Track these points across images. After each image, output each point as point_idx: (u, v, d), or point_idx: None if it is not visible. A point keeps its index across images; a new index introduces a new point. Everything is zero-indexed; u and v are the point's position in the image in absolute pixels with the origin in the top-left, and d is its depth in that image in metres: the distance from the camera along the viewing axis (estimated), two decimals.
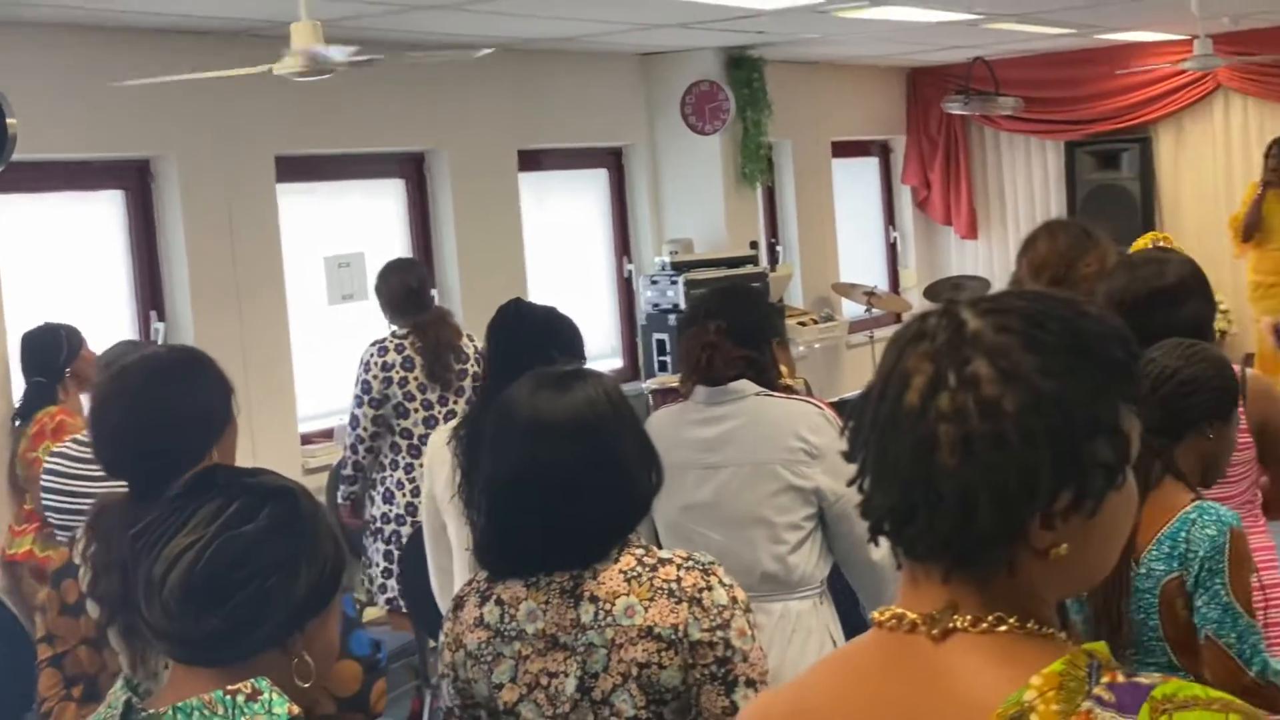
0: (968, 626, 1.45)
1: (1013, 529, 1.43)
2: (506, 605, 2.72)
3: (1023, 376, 1.43)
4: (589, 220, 10.13)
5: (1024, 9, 9.09)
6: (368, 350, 6.54)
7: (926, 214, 12.83)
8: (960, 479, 1.42)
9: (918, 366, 1.47)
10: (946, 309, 1.50)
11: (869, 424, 1.50)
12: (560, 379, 2.78)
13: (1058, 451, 1.42)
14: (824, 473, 3.78)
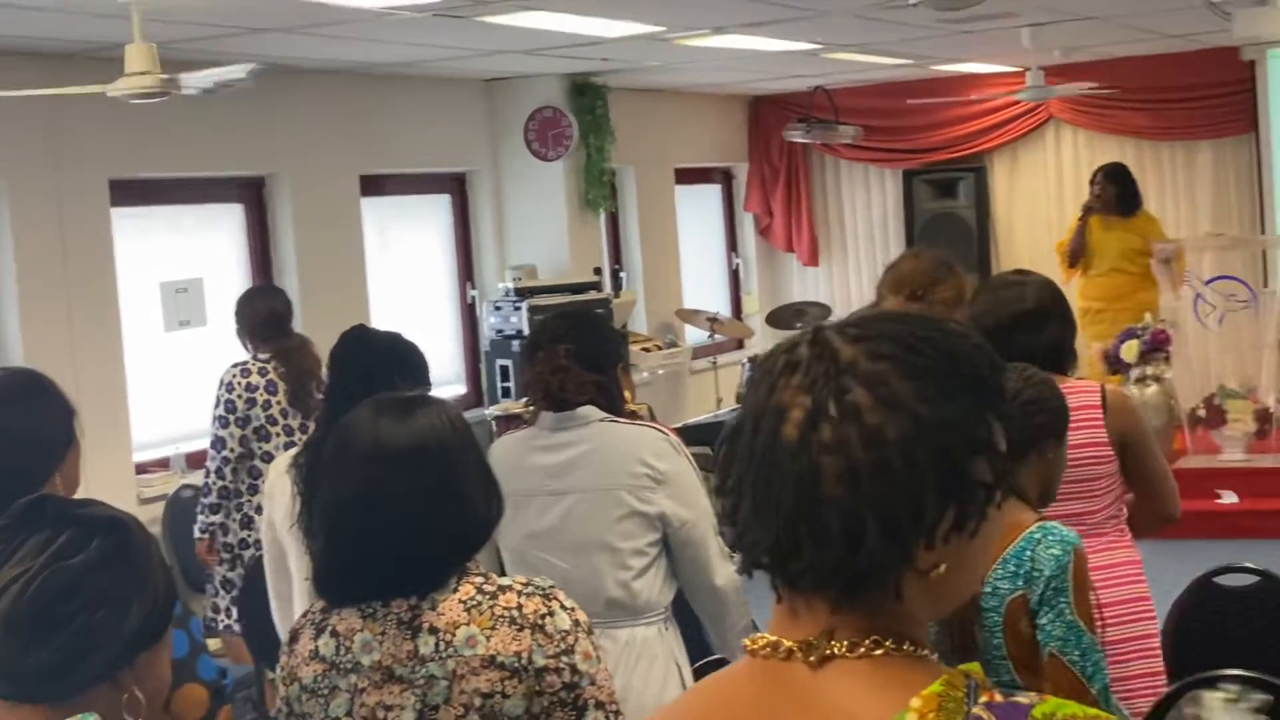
0: (845, 652, 1.43)
1: (901, 554, 1.42)
2: (342, 637, 2.67)
3: (902, 403, 1.42)
4: (432, 246, 10.08)
5: (862, 40, 9.23)
6: (229, 371, 6.46)
7: (768, 241, 12.95)
8: (847, 510, 1.40)
9: (793, 399, 1.44)
10: (816, 337, 1.48)
11: (744, 459, 1.48)
12: (402, 405, 2.75)
13: (942, 475, 1.41)
14: (668, 498, 3.78)
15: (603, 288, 10.25)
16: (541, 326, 4.01)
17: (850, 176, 12.81)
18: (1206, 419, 9.86)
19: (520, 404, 8.68)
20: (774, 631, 1.49)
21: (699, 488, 3.87)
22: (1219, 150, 11.64)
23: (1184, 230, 11.50)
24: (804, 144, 12.35)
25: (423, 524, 2.62)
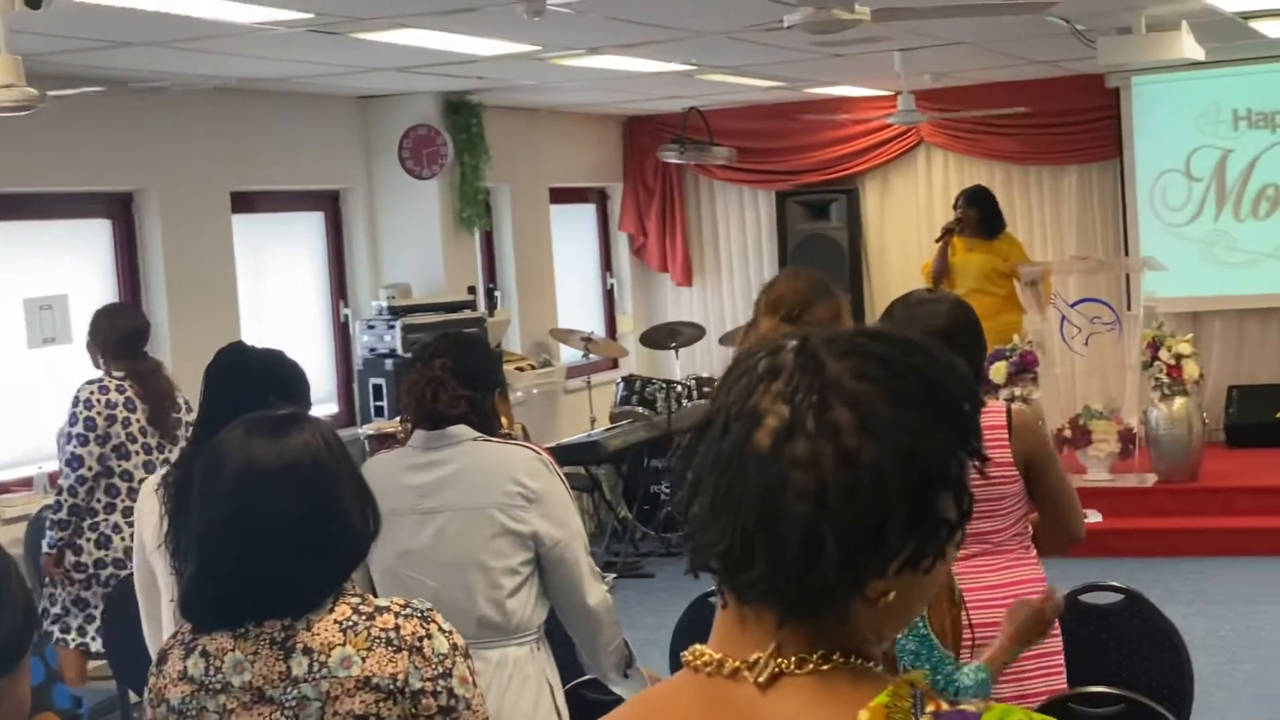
0: (793, 668, 1.41)
1: (854, 580, 1.39)
2: (212, 657, 2.63)
3: (882, 429, 1.39)
4: (305, 264, 9.99)
5: (736, 62, 9.30)
6: (86, 389, 6.36)
7: (643, 261, 12.98)
8: (808, 527, 1.37)
9: (771, 406, 1.41)
10: (803, 346, 1.44)
11: (708, 458, 1.44)
12: (275, 423, 2.71)
13: (909, 508, 1.39)
14: (541, 517, 3.78)
15: (477, 307, 10.22)
16: (421, 343, 4.00)
17: (724, 197, 12.89)
18: (1072, 440, 10.04)
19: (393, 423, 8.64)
20: (718, 644, 1.46)
21: (571, 507, 3.87)
22: (1085, 175, 11.87)
23: (1050, 253, 11.72)
24: (678, 164, 12.40)
25: (298, 545, 2.59)
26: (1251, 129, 11.29)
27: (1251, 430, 11.11)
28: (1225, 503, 9.93)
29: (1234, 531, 9.67)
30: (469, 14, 6.72)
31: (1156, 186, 11.50)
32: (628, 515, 10.82)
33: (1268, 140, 11.25)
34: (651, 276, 13.08)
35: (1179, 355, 10.01)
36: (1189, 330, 10.95)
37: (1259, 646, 7.67)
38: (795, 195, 12.41)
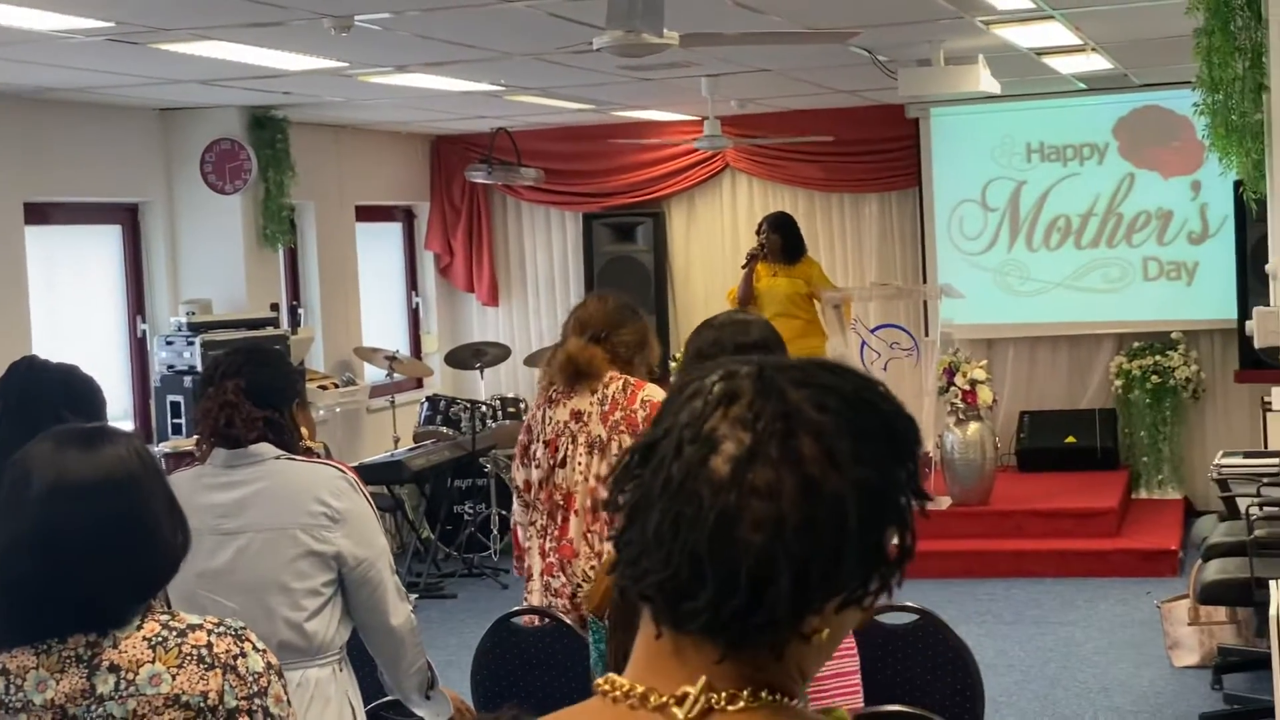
0: (723, 705, 1.36)
1: (800, 614, 1.36)
2: (13, 675, 2.58)
3: (844, 461, 1.36)
4: (101, 277, 9.78)
5: (544, 83, 9.33)
6: None
7: (449, 280, 12.94)
8: (761, 558, 1.33)
9: (729, 432, 1.36)
10: (759, 372, 1.40)
11: (656, 483, 1.38)
12: (87, 436, 2.66)
13: (865, 542, 1.36)
14: (345, 537, 3.75)
15: (280, 324, 10.09)
16: (214, 362, 3.94)
17: (531, 218, 12.90)
18: None
19: (191, 441, 8.49)
20: (642, 675, 1.41)
21: (377, 527, 3.85)
22: (885, 202, 12.12)
23: (851, 279, 11.95)
24: (486, 184, 12.40)
25: (108, 560, 2.54)
26: (1044, 161, 11.64)
27: (1042, 455, 11.43)
28: (1017, 525, 10.21)
29: (1024, 553, 9.94)
30: (275, 28, 6.65)
31: (954, 215, 11.79)
32: (430, 535, 10.77)
33: (1059, 173, 11.60)
34: (457, 296, 13.04)
35: (974, 381, 10.27)
36: (983, 356, 11.25)
37: (1047, 666, 7.89)
38: (602, 217, 12.48)
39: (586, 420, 5.07)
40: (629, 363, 5.10)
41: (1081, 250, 11.60)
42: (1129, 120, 11.40)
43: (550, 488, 5.14)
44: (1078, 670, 7.78)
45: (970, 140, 11.70)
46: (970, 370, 10.30)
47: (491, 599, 9.59)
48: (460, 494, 10.82)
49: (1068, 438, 11.47)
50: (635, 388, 5.04)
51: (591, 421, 5.06)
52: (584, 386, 5.10)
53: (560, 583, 5.07)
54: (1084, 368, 11.78)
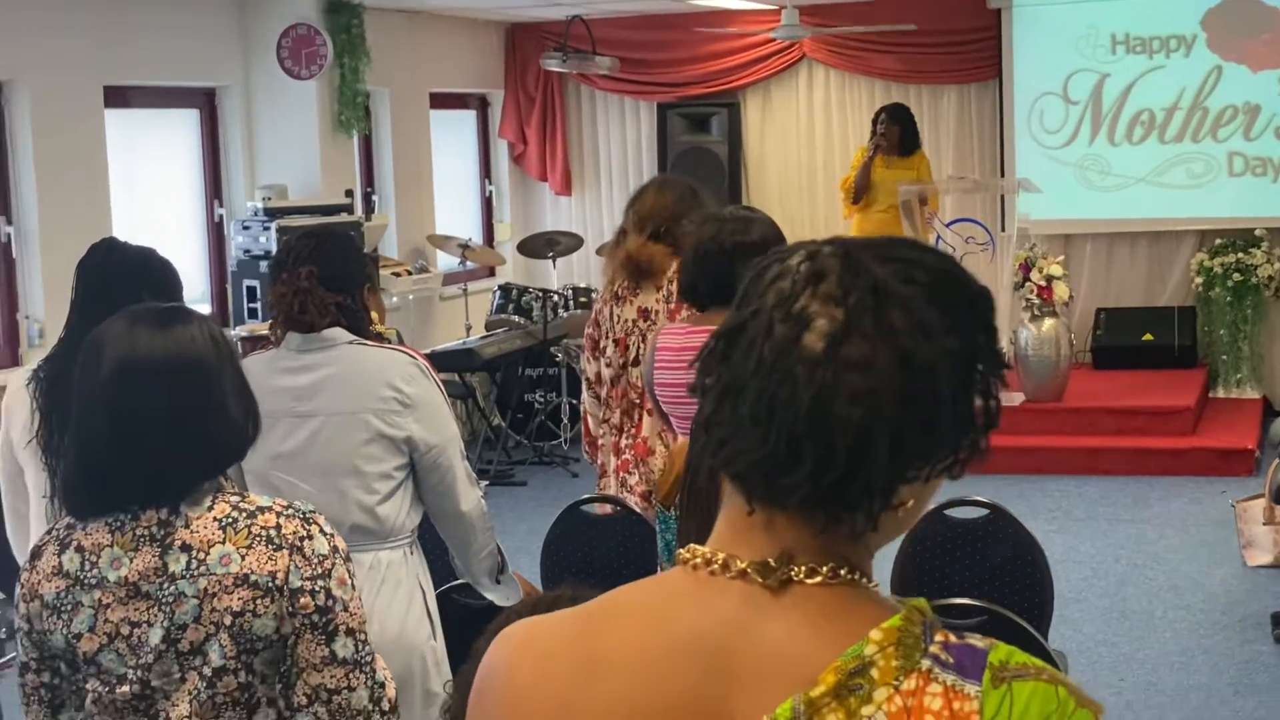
0: (803, 578, 1.40)
1: (896, 483, 1.39)
2: (87, 552, 2.63)
3: (934, 331, 1.38)
4: (179, 162, 9.82)
5: None
6: None
7: (522, 169, 12.91)
8: (859, 431, 1.36)
9: (821, 309, 1.38)
10: (844, 250, 1.42)
11: (743, 363, 1.40)
12: (159, 315, 2.70)
13: (956, 410, 1.40)
14: (416, 422, 3.78)
15: (354, 210, 10.11)
16: (286, 247, 3.95)
17: (606, 107, 12.83)
18: None
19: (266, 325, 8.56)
20: (724, 544, 1.44)
21: (447, 413, 3.87)
22: (964, 95, 11.95)
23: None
24: (560, 73, 12.33)
25: (175, 436, 2.59)
26: (1129, 54, 11.43)
27: (1117, 352, 11.33)
28: (1090, 423, 10.14)
29: (1098, 451, 9.88)
30: None
31: (1034, 108, 11.62)
32: (501, 423, 10.83)
33: (1144, 65, 11.40)
34: (531, 185, 13.02)
35: (1050, 277, 10.17)
36: (1060, 252, 11.11)
37: (1117, 563, 7.86)
38: (677, 107, 12.38)
39: (654, 318, 5.05)
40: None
41: (1165, 145, 11.40)
42: (1218, 11, 11.15)
43: (623, 386, 5.14)
44: (1148, 568, 7.76)
45: (1053, 31, 11.50)
46: (1047, 266, 10.20)
47: (561, 487, 9.65)
48: (531, 382, 10.86)
49: (1145, 335, 11.35)
50: None
51: (659, 319, 5.04)
52: (648, 284, 5.07)
53: (635, 479, 5.09)
54: (1163, 265, 11.63)
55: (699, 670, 1.39)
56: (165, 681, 2.60)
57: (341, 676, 2.65)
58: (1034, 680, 1.37)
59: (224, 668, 2.59)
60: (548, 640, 1.48)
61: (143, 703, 2.62)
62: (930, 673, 1.36)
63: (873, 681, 1.35)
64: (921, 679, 1.36)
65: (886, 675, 1.35)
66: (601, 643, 1.44)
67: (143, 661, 2.59)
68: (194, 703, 2.60)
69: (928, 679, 1.36)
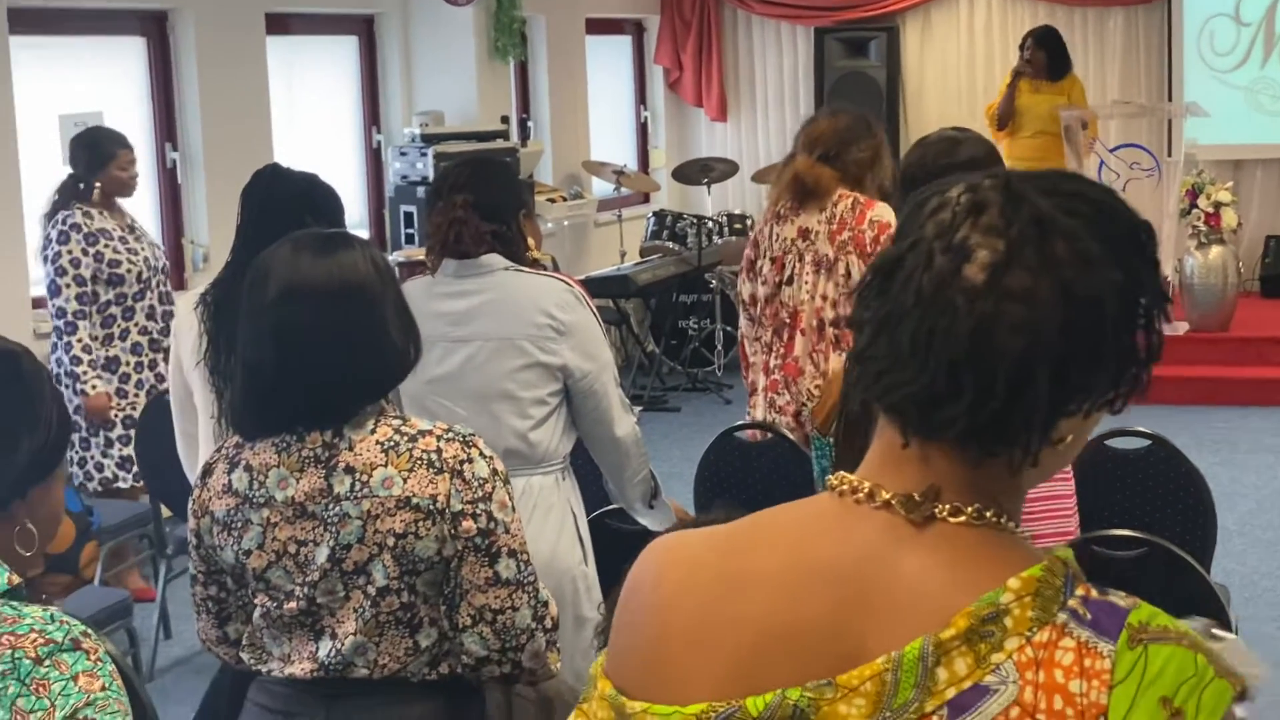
0: (947, 515, 1.39)
1: (1055, 417, 1.38)
2: (256, 471, 2.69)
3: (1098, 263, 1.37)
4: (338, 89, 9.92)
5: None
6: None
7: (678, 95, 12.86)
8: (1021, 362, 1.35)
9: (983, 240, 1.37)
10: (1004, 182, 1.41)
11: (902, 295, 1.39)
12: (323, 240, 2.74)
13: (1119, 342, 1.38)
14: (570, 349, 3.79)
15: (510, 137, 10.15)
16: (442, 175, 3.99)
17: (762, 32, 12.72)
18: None
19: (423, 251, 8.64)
20: (874, 473, 1.44)
21: (602, 339, 3.88)
22: (1131, 17, 11.67)
23: (1092, 97, 11.53)
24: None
25: (340, 358, 2.63)
26: None
27: None
28: (1257, 353, 9.91)
29: (1264, 382, 9.66)
30: None
31: (1204, 30, 11.31)
32: (655, 349, 10.86)
33: None
34: (686, 111, 12.97)
35: (1218, 204, 9.92)
36: (1229, 178, 10.82)
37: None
38: (834, 32, 12.24)
39: (814, 239, 5.01)
40: (859, 181, 5.01)
41: None
42: None
43: (776, 305, 5.12)
44: None
45: None
46: (1215, 192, 9.94)
47: (715, 413, 9.66)
48: (685, 309, 10.86)
49: None
50: (864, 206, 4.95)
51: (819, 240, 5.00)
52: (812, 205, 5.03)
53: (785, 400, 5.07)
54: None
55: (835, 597, 1.39)
56: (330, 599, 2.66)
57: (505, 597, 2.68)
58: (1173, 645, 1.34)
59: (387, 588, 2.64)
60: (695, 553, 1.49)
61: (309, 619, 2.68)
62: (1065, 627, 1.34)
63: (1005, 630, 1.34)
64: (1056, 632, 1.34)
65: (1020, 625, 1.34)
66: (745, 560, 1.45)
67: (309, 579, 2.65)
68: (358, 620, 2.65)
69: (1062, 633, 1.34)
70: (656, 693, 1.44)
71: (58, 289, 6.38)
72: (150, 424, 5.73)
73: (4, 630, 1.84)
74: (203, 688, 3.82)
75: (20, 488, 1.96)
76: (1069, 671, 1.32)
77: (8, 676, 1.80)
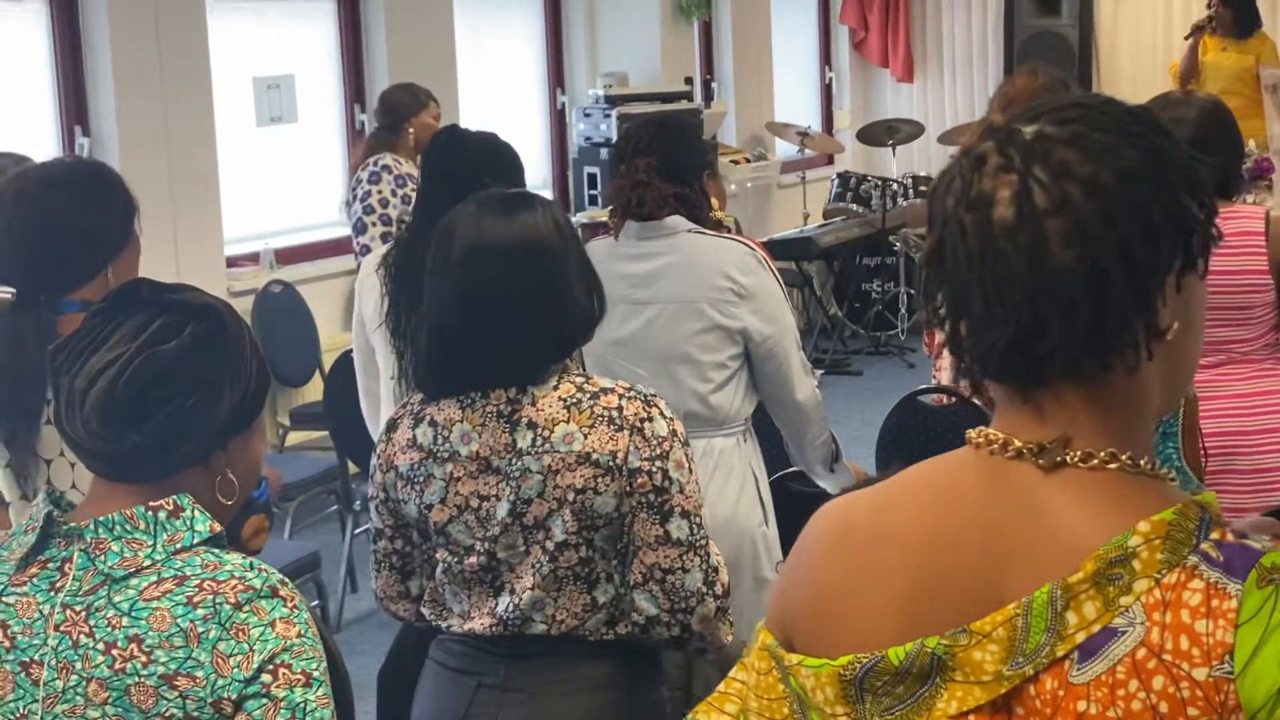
0: (1078, 462, 1.41)
1: (1146, 303, 1.39)
2: (440, 427, 2.73)
3: (1108, 150, 1.40)
4: (523, 50, 10.00)
5: None
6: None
7: (863, 55, 12.74)
8: (1086, 268, 1.37)
9: (995, 185, 1.41)
10: (992, 132, 1.45)
11: (958, 268, 1.43)
12: (506, 201, 2.78)
13: (1165, 210, 1.40)
14: (751, 313, 3.78)
15: (694, 98, 10.14)
16: (625, 136, 3.99)
17: None
18: None
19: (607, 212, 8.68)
20: (1005, 428, 1.46)
21: (783, 303, 3.87)
22: None
23: None
24: None
25: (524, 318, 2.66)
26: None
27: None
28: None
29: None
30: None
31: None
32: (837, 313, 10.80)
33: None
34: (871, 71, 12.84)
35: None
36: None
37: None
38: None
39: None
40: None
41: None
42: None
43: None
44: None
45: None
46: None
47: (897, 377, 9.58)
48: (869, 272, 10.78)
49: None
50: None
51: None
52: None
53: None
54: None
55: (978, 548, 1.42)
56: (510, 554, 2.69)
57: (675, 557, 2.70)
58: None
59: (565, 542, 2.67)
60: (849, 513, 1.54)
61: (489, 574, 2.72)
62: (1196, 568, 1.34)
63: (1133, 573, 1.34)
64: (1185, 574, 1.34)
65: (1149, 568, 1.34)
66: (894, 515, 1.49)
67: (490, 534, 2.69)
68: (537, 575, 2.68)
69: (1192, 574, 1.34)
70: (815, 646, 1.49)
71: (364, 226, 6.62)
72: (337, 381, 5.84)
73: (206, 576, 1.90)
74: (387, 641, 3.90)
75: (222, 439, 2.02)
76: (1195, 611, 1.32)
77: (210, 621, 1.87)
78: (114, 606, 1.89)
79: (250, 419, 2.06)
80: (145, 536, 1.93)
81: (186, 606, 1.88)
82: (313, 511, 6.95)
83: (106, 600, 1.90)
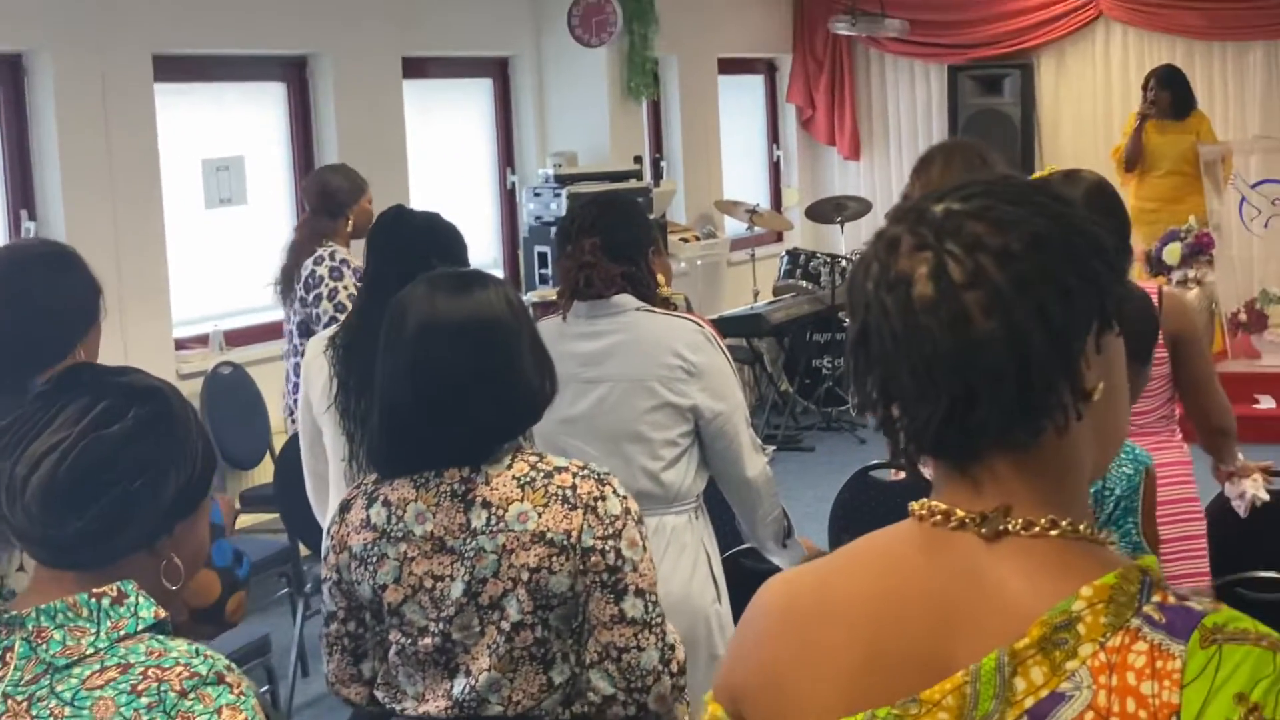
0: (1019, 530, 1.42)
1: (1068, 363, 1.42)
2: (394, 506, 2.72)
3: (1018, 220, 1.43)
4: (473, 131, 10.04)
5: None
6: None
7: (810, 134, 12.85)
8: (1007, 334, 1.40)
9: (911, 265, 1.44)
10: (900, 213, 1.49)
11: (883, 350, 1.45)
12: (459, 279, 2.78)
13: (1077, 271, 1.43)
14: (701, 390, 3.78)
15: (643, 176, 10.20)
16: (570, 217, 4.00)
17: (895, 70, 12.67)
18: (1247, 323, 9.81)
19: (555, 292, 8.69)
20: (947, 500, 1.47)
21: (733, 380, 3.87)
22: (1271, 51, 11.45)
23: (1232, 132, 11.35)
24: (849, 36, 12.21)
25: (478, 393, 2.66)
26: None
27: None
28: None
29: None
30: None
31: None
32: (789, 389, 10.82)
33: None
34: (818, 149, 12.94)
35: None
36: None
37: None
38: (967, 69, 12.15)
39: None
40: None
41: None
42: None
43: None
44: None
45: None
46: None
47: (849, 452, 9.60)
48: (819, 348, 10.82)
49: None
50: None
51: None
52: None
53: None
54: None
55: (926, 620, 1.43)
56: (466, 635, 2.68)
57: (630, 636, 2.69)
58: (1250, 645, 1.35)
59: (521, 622, 2.66)
60: (796, 586, 1.55)
61: (444, 655, 2.70)
62: (1139, 631, 1.36)
63: (1078, 637, 1.36)
64: (1129, 636, 1.36)
65: (1094, 632, 1.36)
66: (840, 588, 1.50)
67: (444, 614, 2.67)
68: (493, 656, 2.67)
69: (1135, 637, 1.36)
70: (765, 718, 1.51)
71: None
72: (288, 463, 5.81)
73: (150, 663, 1.88)
74: None
75: (168, 523, 2.00)
76: (1141, 674, 1.34)
77: (154, 709, 1.84)
78: (56, 696, 1.86)
79: (196, 502, 2.04)
80: (88, 624, 1.90)
81: (130, 695, 1.85)
82: (264, 594, 6.89)
83: (49, 690, 1.87)
